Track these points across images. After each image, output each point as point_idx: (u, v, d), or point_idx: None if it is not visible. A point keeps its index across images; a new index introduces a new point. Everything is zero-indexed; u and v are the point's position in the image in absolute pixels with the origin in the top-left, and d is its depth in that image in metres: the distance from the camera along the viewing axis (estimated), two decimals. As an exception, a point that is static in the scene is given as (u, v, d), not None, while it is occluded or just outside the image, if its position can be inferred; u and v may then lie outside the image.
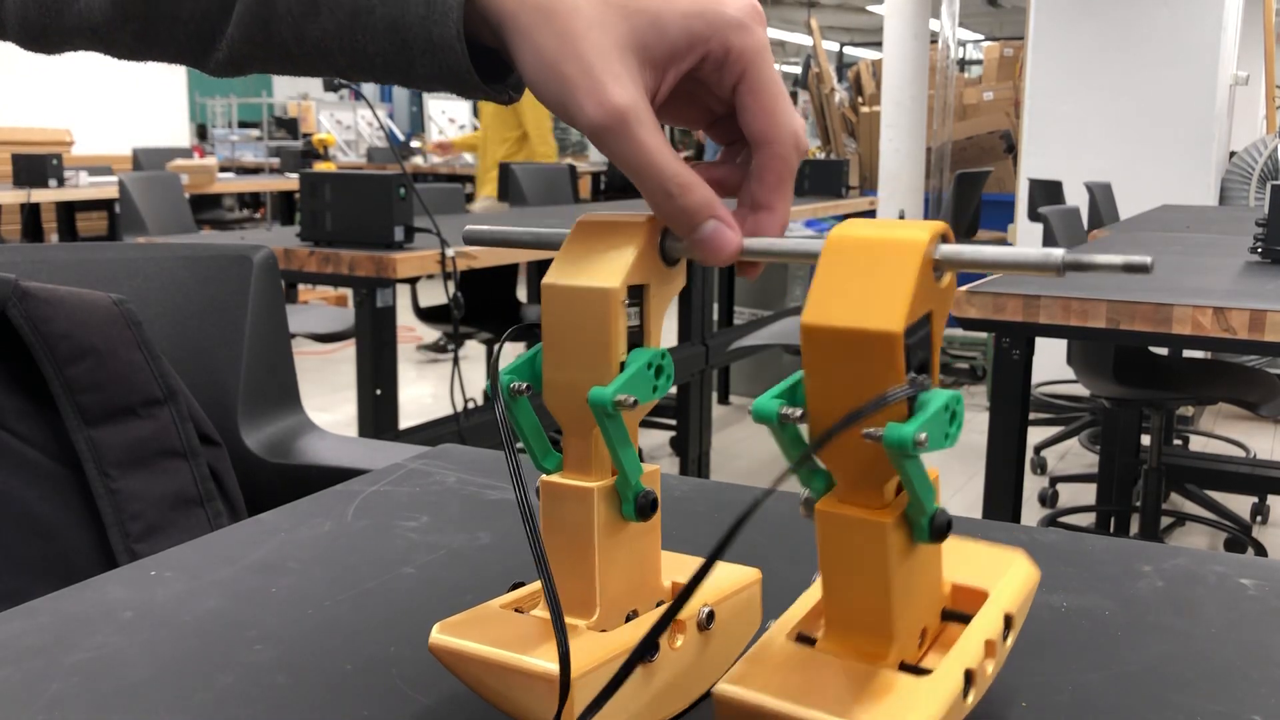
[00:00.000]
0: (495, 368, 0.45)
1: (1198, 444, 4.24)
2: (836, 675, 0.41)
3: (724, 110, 0.48)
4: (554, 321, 0.44)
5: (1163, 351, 3.04)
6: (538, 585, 0.48)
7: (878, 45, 6.91)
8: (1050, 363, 3.36)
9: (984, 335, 4.86)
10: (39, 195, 5.39)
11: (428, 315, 3.53)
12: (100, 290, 0.90)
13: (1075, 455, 4.21)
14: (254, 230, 4.12)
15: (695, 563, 0.51)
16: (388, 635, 0.54)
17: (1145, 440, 3.05)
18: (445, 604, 0.58)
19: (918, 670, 0.41)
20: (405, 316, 2.87)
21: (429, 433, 2.60)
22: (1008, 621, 0.45)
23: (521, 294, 3.80)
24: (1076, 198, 4.09)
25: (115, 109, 7.95)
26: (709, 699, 0.46)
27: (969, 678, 0.41)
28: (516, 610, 0.47)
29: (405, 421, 2.55)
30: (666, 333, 4.08)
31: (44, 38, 0.52)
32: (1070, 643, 0.54)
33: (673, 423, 3.96)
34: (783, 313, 4.84)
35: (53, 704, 0.47)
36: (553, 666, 0.41)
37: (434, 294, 2.91)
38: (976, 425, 4.57)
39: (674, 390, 3.74)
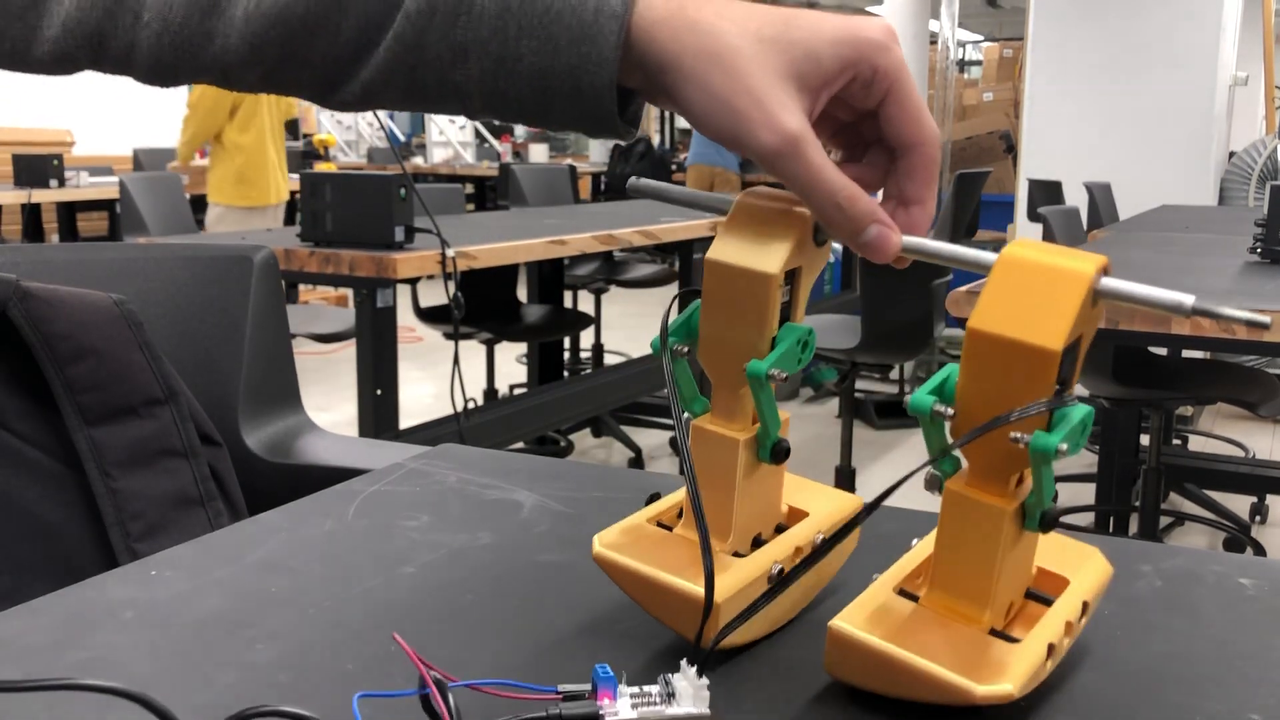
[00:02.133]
0: (665, 325, 0.51)
1: (1197, 444, 4.24)
2: (938, 630, 0.47)
3: (850, 119, 0.51)
4: (715, 294, 0.50)
5: (1162, 351, 3.04)
6: (674, 500, 0.56)
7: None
8: (1050, 363, 3.34)
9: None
10: (40, 195, 5.39)
11: (428, 315, 3.53)
12: (101, 290, 0.90)
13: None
14: (254, 230, 4.11)
15: (806, 485, 0.59)
16: (388, 635, 0.54)
17: (1144, 440, 3.05)
18: (446, 604, 0.58)
19: (1007, 637, 0.47)
20: (405, 317, 2.87)
21: (429, 432, 2.60)
22: (1084, 608, 0.50)
23: (522, 294, 3.80)
24: (1076, 198, 4.09)
25: (116, 109, 7.95)
26: (807, 612, 0.55)
27: (1050, 649, 0.46)
28: (660, 524, 0.54)
29: (405, 421, 2.55)
30: (666, 333, 4.10)
31: (171, 75, 0.53)
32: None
33: (673, 423, 3.96)
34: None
35: (53, 704, 0.47)
36: (700, 590, 0.48)
37: (434, 294, 2.91)
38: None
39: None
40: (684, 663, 0.45)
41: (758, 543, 0.54)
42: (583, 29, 0.48)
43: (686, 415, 0.52)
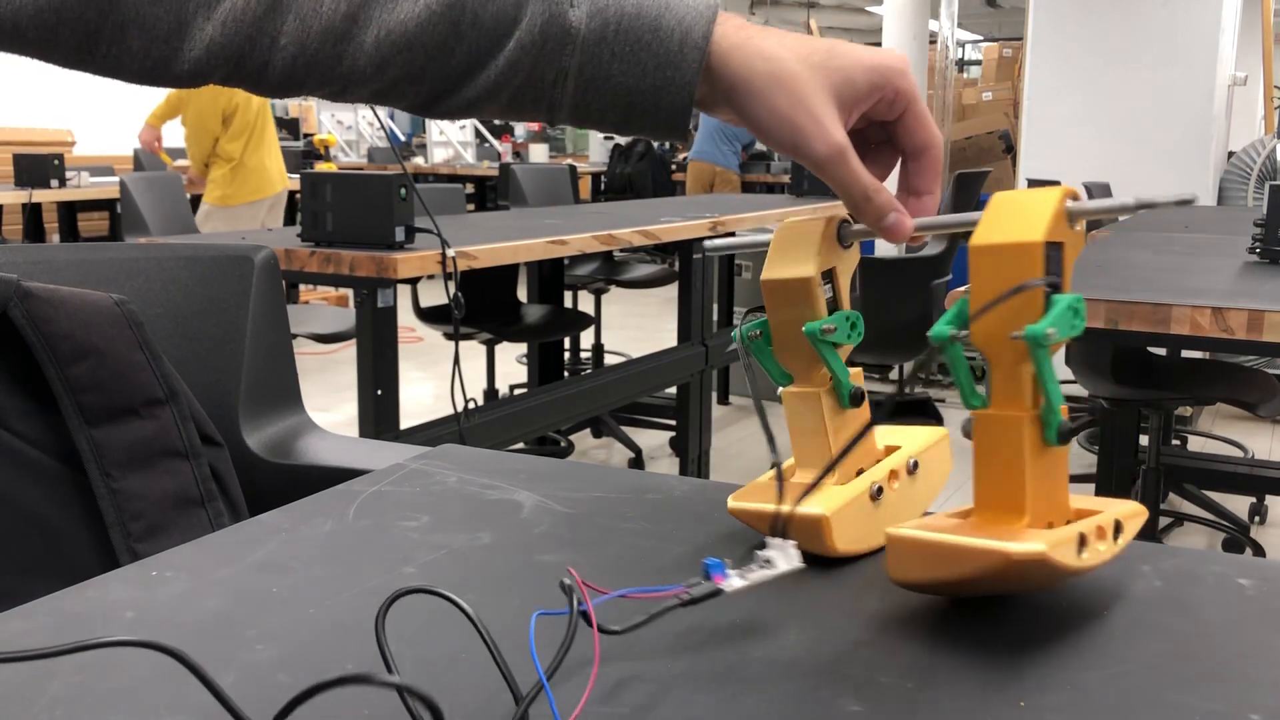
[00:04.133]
0: (742, 323, 0.65)
1: (1196, 444, 4.25)
2: (984, 527, 0.55)
3: (862, 126, 0.62)
4: (776, 304, 0.63)
5: (1161, 352, 3.04)
6: (788, 464, 0.67)
7: (877, 45, 6.92)
8: (1050, 363, 3.35)
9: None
10: (40, 195, 5.39)
11: (428, 315, 3.53)
12: (102, 290, 0.90)
13: (1074, 455, 4.21)
14: (255, 230, 4.13)
15: (900, 430, 0.70)
16: (389, 635, 0.54)
17: (1144, 440, 3.05)
18: (446, 603, 0.58)
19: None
20: (406, 317, 2.87)
21: (430, 433, 2.60)
22: (1118, 526, 0.57)
23: (522, 294, 3.80)
24: (1076, 198, 4.08)
25: (117, 110, 7.94)
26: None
27: (1082, 540, 0.54)
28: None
29: (406, 421, 2.55)
30: (666, 333, 4.07)
31: (297, 89, 0.58)
32: (1069, 642, 0.54)
33: (672, 423, 3.96)
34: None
35: (53, 704, 0.47)
36: (816, 510, 0.61)
37: (434, 294, 2.91)
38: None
39: (673, 390, 3.74)
40: (766, 538, 0.54)
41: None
42: (668, 56, 0.57)
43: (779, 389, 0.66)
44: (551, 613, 0.52)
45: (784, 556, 0.54)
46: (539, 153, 9.77)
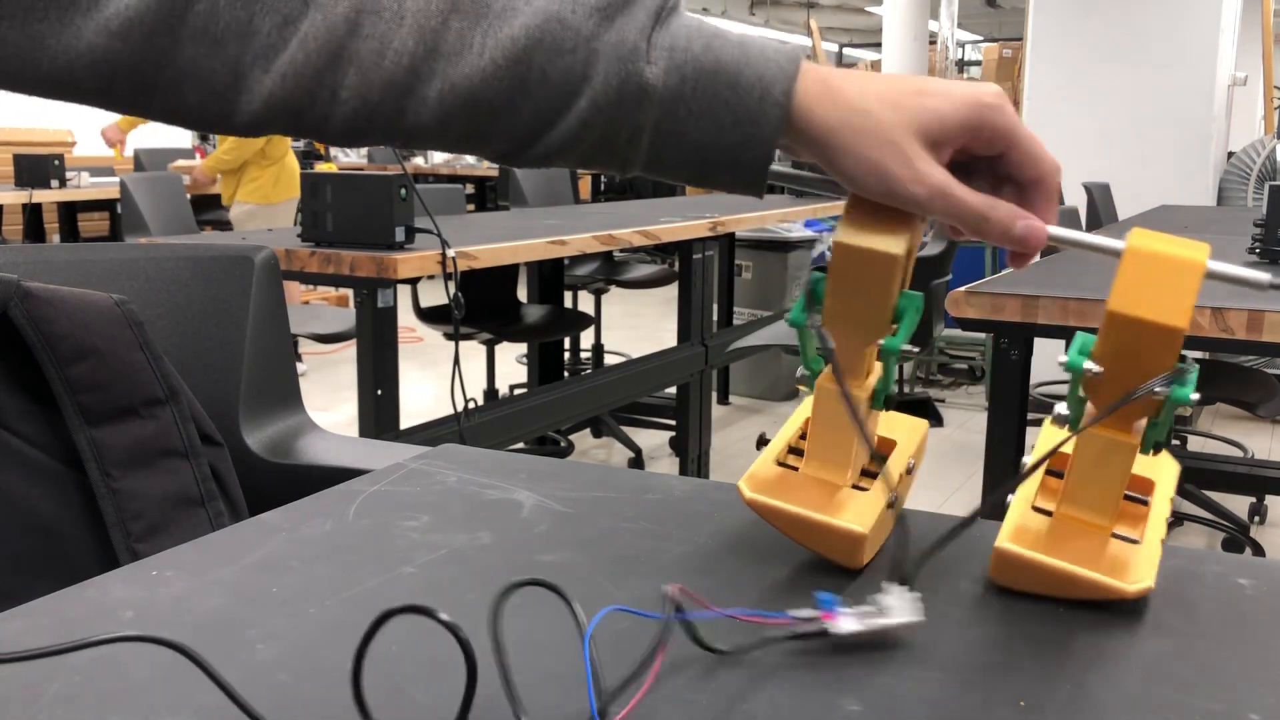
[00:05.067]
0: (809, 293, 0.60)
1: (1196, 444, 4.25)
2: (1079, 540, 0.59)
3: (964, 159, 0.59)
4: (844, 273, 0.58)
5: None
6: (781, 442, 0.67)
7: (877, 46, 6.92)
8: (1049, 363, 3.36)
9: (982, 335, 4.87)
10: (41, 195, 5.39)
11: (428, 315, 3.53)
12: (102, 290, 0.90)
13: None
14: (255, 231, 4.14)
15: (883, 416, 0.69)
16: (389, 634, 0.54)
17: (1144, 440, 3.04)
18: (446, 604, 0.58)
19: (1124, 538, 0.60)
20: (406, 317, 2.87)
21: (430, 433, 2.60)
22: (1171, 502, 0.63)
23: (522, 294, 3.80)
24: (1075, 198, 4.10)
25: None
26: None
27: (1161, 545, 0.60)
28: (787, 467, 0.65)
29: (406, 421, 2.55)
30: (666, 333, 4.07)
31: (360, 141, 0.56)
32: (1069, 641, 0.54)
33: (672, 423, 3.96)
34: (782, 313, 4.84)
35: (53, 703, 0.47)
36: (855, 526, 0.60)
37: (435, 294, 2.91)
38: (975, 425, 4.57)
39: (673, 390, 3.74)
40: (885, 583, 0.54)
41: (866, 473, 0.65)
42: (748, 113, 0.55)
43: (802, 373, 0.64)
44: (630, 610, 0.53)
45: (906, 607, 0.53)
46: (539, 153, 9.75)
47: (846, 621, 0.52)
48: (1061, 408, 0.60)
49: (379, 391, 2.40)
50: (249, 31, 0.51)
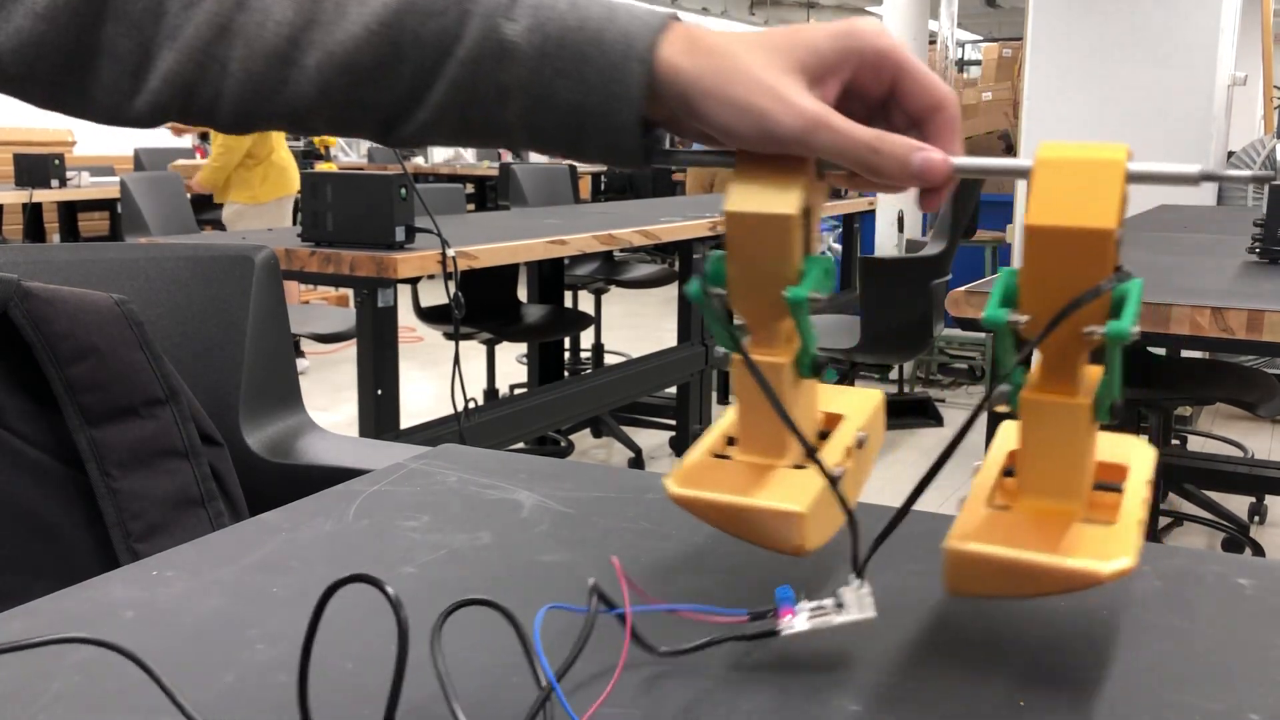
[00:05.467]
0: (705, 274, 0.56)
1: (1196, 444, 4.25)
2: (1042, 529, 0.51)
3: (869, 111, 0.56)
4: (740, 242, 0.54)
5: (1161, 351, 3.04)
6: (718, 433, 0.59)
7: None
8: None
9: (982, 335, 4.87)
10: (41, 195, 5.39)
11: (428, 315, 3.53)
12: (102, 290, 0.90)
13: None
14: (255, 230, 4.15)
15: (832, 390, 0.63)
16: (389, 635, 0.54)
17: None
18: (446, 603, 0.58)
19: (1100, 523, 0.51)
20: (406, 317, 2.87)
21: (430, 432, 2.61)
22: (1149, 486, 0.55)
23: (522, 294, 3.80)
24: (1076, 198, 4.08)
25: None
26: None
27: (1140, 526, 0.51)
28: (720, 457, 0.58)
29: (406, 421, 2.55)
30: (666, 333, 4.07)
31: (249, 122, 0.58)
32: (1069, 642, 0.54)
33: (672, 423, 3.96)
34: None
35: (53, 703, 0.47)
36: (788, 504, 0.53)
37: (435, 294, 2.91)
38: (976, 425, 4.56)
39: (674, 390, 3.74)
40: (851, 577, 0.51)
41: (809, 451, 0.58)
42: (612, 70, 0.53)
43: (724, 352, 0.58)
44: (564, 606, 0.50)
45: (858, 603, 0.50)
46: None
47: (799, 620, 0.50)
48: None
49: (379, 391, 2.40)
50: (161, 11, 0.55)
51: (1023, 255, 0.48)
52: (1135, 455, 0.57)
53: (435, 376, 5.22)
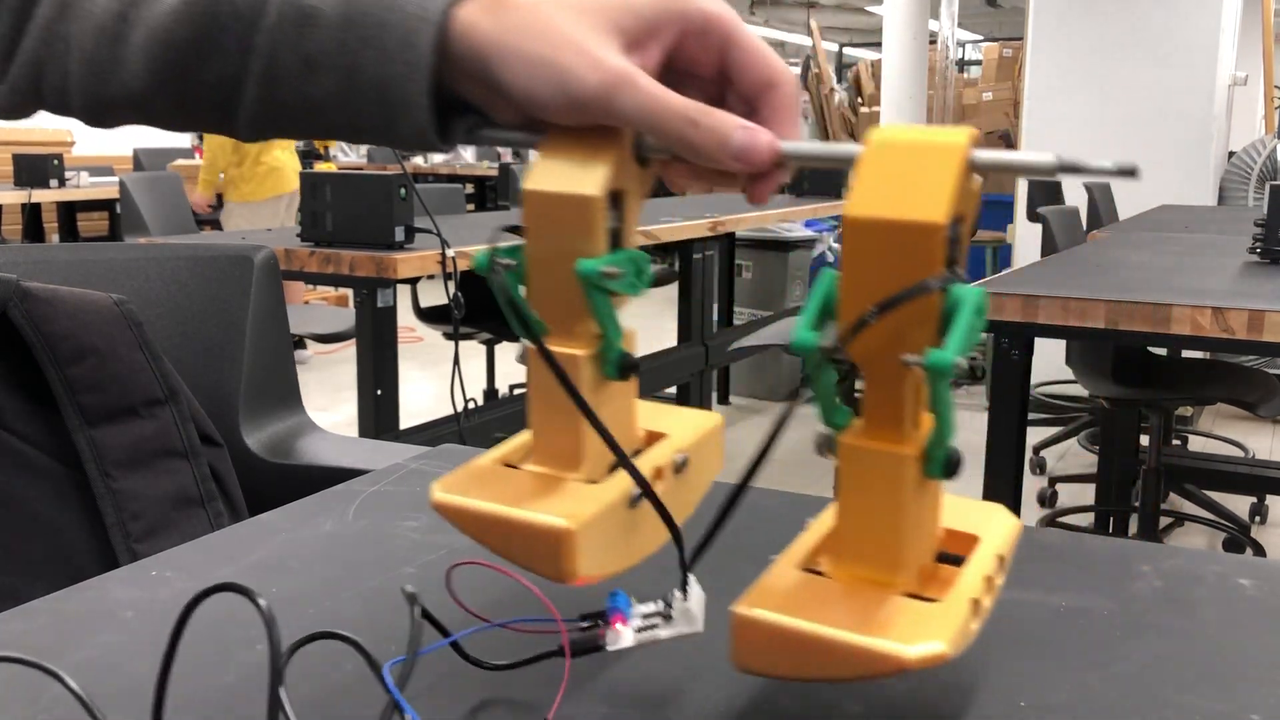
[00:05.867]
0: (493, 253, 0.49)
1: (1196, 444, 4.24)
2: (851, 599, 0.43)
3: (706, 99, 0.49)
4: (539, 225, 0.47)
5: (1161, 352, 3.04)
6: (520, 440, 0.51)
7: (877, 46, 6.92)
8: (1049, 363, 3.37)
9: (983, 335, 4.86)
10: (40, 195, 5.39)
11: (428, 315, 3.53)
12: (101, 290, 0.90)
13: (1074, 455, 4.21)
14: (254, 230, 4.16)
15: (663, 409, 0.55)
16: (389, 635, 0.54)
17: (1144, 440, 3.05)
18: (446, 602, 0.58)
19: (925, 599, 0.43)
20: (406, 317, 2.87)
21: (429, 433, 2.60)
22: (1000, 562, 0.47)
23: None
24: (1076, 198, 4.09)
25: (115, 109, 7.94)
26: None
27: (975, 605, 0.43)
28: (507, 465, 0.50)
29: (406, 421, 2.55)
30: (666, 333, 4.10)
31: (100, 110, 0.55)
32: (1069, 643, 0.54)
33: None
34: (783, 313, 4.84)
35: (53, 704, 0.47)
36: (556, 519, 0.44)
37: (434, 294, 2.91)
38: (976, 425, 4.56)
39: (674, 390, 3.74)
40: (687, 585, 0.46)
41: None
42: (407, 36, 0.48)
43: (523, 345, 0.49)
44: (404, 658, 0.43)
45: (684, 615, 0.45)
46: (539, 153, 9.75)
47: (624, 635, 0.45)
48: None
49: (379, 391, 2.40)
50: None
51: (841, 255, 0.41)
52: (993, 525, 0.49)
53: (435, 376, 5.22)
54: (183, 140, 7.81)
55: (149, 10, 0.52)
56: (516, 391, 4.59)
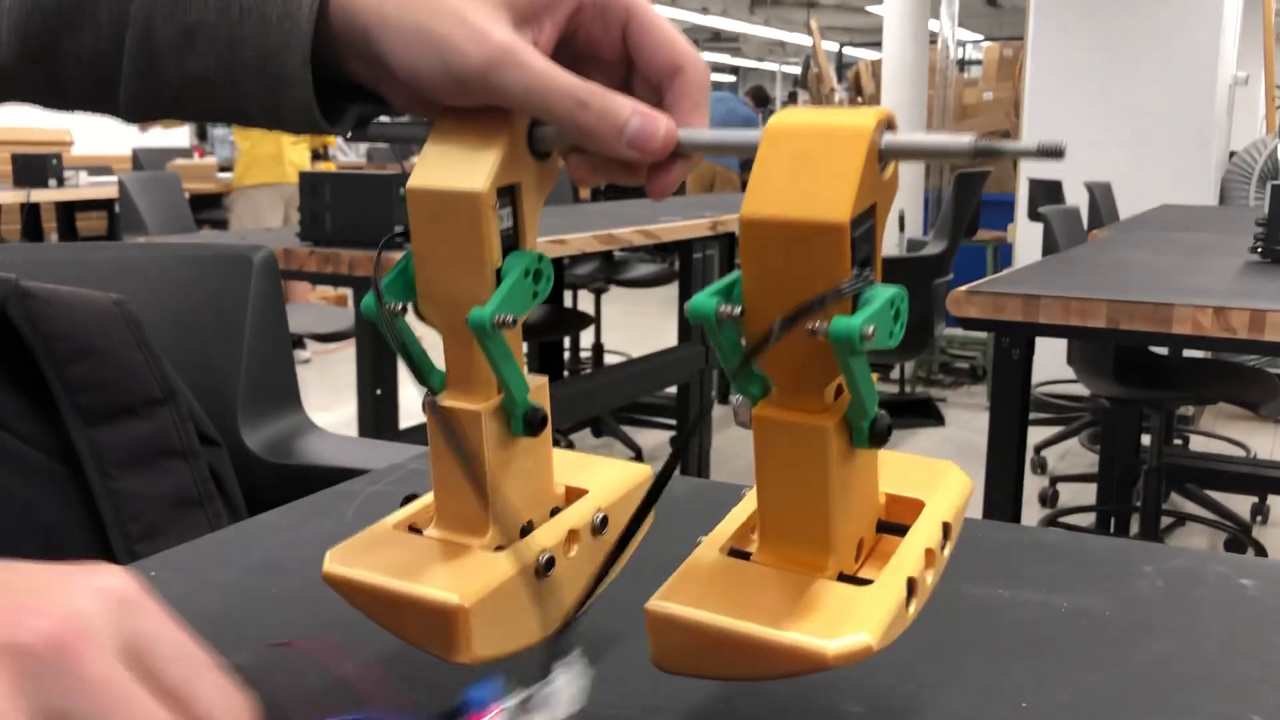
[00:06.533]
0: (378, 282, 0.44)
1: (1198, 444, 4.24)
2: (775, 587, 0.40)
3: (611, 85, 0.45)
4: (424, 229, 0.43)
5: (1163, 351, 3.03)
6: (429, 499, 0.48)
7: (877, 45, 6.92)
8: (1050, 362, 3.37)
9: (984, 335, 4.87)
10: (39, 195, 5.39)
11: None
12: (100, 290, 0.90)
13: (1075, 455, 4.21)
14: (254, 230, 4.17)
15: (588, 462, 0.51)
16: (389, 635, 0.54)
17: (1145, 440, 3.05)
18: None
19: (858, 581, 0.40)
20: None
21: (429, 433, 2.60)
22: (945, 531, 0.43)
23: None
24: (1077, 198, 4.09)
25: (115, 109, 7.94)
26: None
27: (911, 586, 0.40)
28: (412, 529, 0.47)
29: (405, 421, 2.55)
30: (666, 332, 4.08)
31: None
32: (1070, 643, 0.53)
33: (673, 422, 3.96)
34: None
35: (52, 704, 0.47)
36: (446, 594, 0.41)
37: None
38: (977, 425, 4.57)
39: (674, 390, 3.73)
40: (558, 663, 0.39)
41: (528, 533, 0.46)
42: (288, 4, 0.44)
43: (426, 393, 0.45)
44: None
45: (565, 694, 0.38)
46: (539, 152, 9.74)
47: None
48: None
49: (378, 391, 2.40)
50: None
51: (740, 250, 0.38)
52: (941, 488, 0.45)
53: (435, 376, 5.22)
54: (182, 140, 7.81)
55: None
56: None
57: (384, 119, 0.50)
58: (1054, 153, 0.38)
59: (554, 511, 0.48)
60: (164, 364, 0.90)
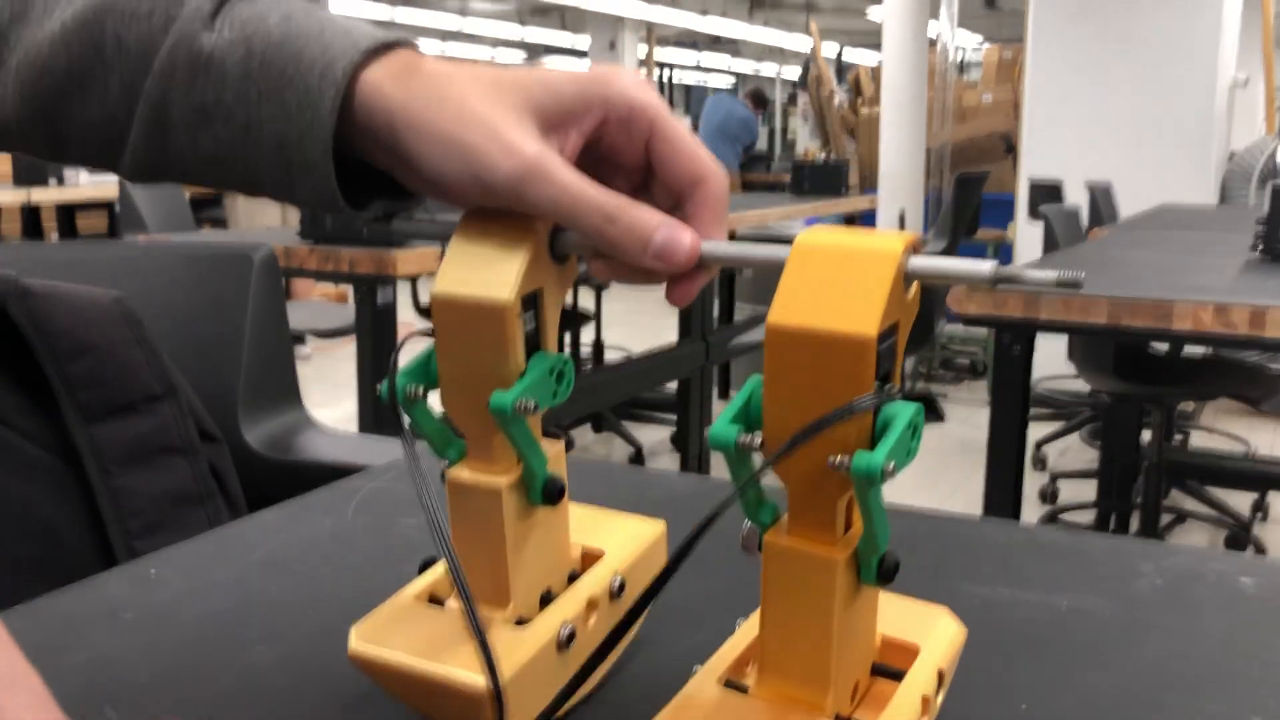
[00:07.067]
0: (394, 369, 0.45)
1: (1198, 440, 4.24)
2: None
3: (632, 189, 0.47)
4: (449, 332, 0.44)
5: (1163, 348, 3.03)
6: (436, 577, 0.49)
7: (877, 48, 6.92)
8: (1051, 359, 3.37)
9: (984, 331, 4.86)
10: (39, 195, 5.39)
11: (428, 312, 3.52)
12: (101, 288, 0.90)
13: (1076, 451, 4.21)
14: (254, 229, 4.16)
15: (601, 518, 0.52)
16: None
17: (1146, 436, 3.05)
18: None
19: None
20: (406, 313, 2.87)
21: (429, 431, 2.60)
22: (940, 678, 0.44)
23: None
24: (1077, 198, 4.09)
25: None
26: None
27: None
28: (432, 600, 0.47)
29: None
30: (667, 329, 4.09)
31: None
32: (1070, 643, 0.53)
33: (673, 418, 3.96)
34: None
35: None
36: (470, 677, 0.41)
37: (434, 292, 2.90)
38: (977, 421, 4.57)
39: (674, 386, 3.74)
40: None
41: (548, 600, 0.47)
42: (309, 93, 0.44)
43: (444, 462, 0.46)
44: None
45: None
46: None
47: None
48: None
49: (378, 388, 2.40)
50: None
51: (764, 361, 0.39)
52: (934, 634, 0.45)
53: (436, 374, 5.22)
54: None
55: (30, 33, 0.48)
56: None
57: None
58: (1072, 284, 0.38)
59: (572, 576, 0.48)
60: (164, 361, 0.90)
